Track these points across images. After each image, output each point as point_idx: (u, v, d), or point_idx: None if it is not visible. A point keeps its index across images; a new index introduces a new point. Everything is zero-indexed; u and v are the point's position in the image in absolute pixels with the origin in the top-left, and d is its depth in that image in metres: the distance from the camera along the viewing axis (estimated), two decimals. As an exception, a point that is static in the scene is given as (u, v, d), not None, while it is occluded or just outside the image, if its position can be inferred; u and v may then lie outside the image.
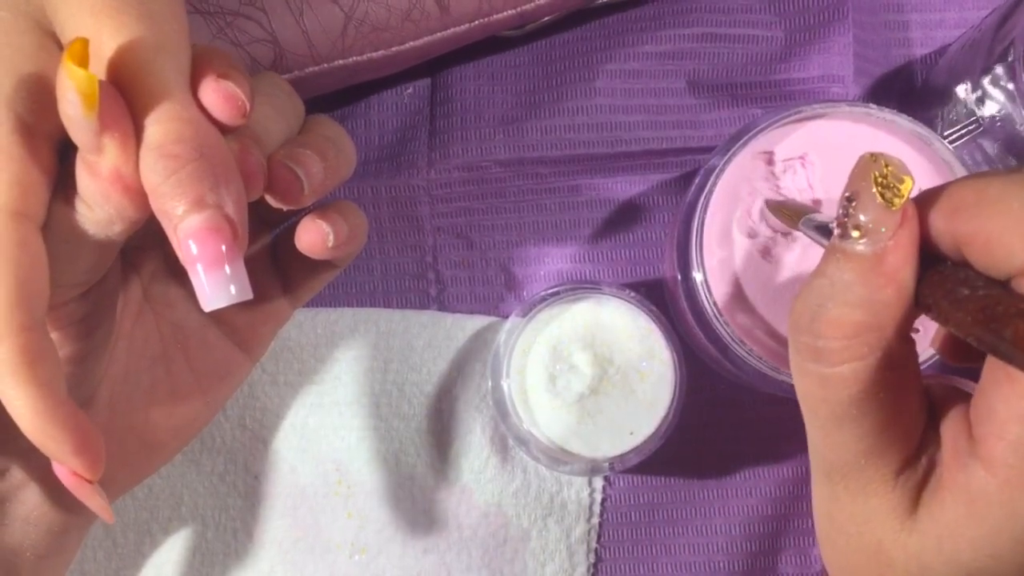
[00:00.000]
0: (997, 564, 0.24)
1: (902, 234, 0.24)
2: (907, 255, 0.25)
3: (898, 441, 0.26)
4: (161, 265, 0.34)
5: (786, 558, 0.49)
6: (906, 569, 0.26)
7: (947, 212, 0.24)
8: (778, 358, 0.41)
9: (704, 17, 0.49)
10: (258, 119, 0.31)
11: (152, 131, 0.26)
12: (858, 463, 0.26)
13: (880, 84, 0.50)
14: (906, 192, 0.24)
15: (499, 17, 0.44)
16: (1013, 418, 0.23)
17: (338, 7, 0.41)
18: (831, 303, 0.25)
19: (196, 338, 0.35)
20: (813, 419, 0.27)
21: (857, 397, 0.25)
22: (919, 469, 0.26)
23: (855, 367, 0.25)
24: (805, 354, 0.26)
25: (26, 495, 0.33)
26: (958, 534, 0.24)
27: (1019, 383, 0.23)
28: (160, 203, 0.27)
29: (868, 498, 0.26)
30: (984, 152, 0.43)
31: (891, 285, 0.24)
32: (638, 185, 0.49)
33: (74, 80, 0.25)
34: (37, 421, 0.27)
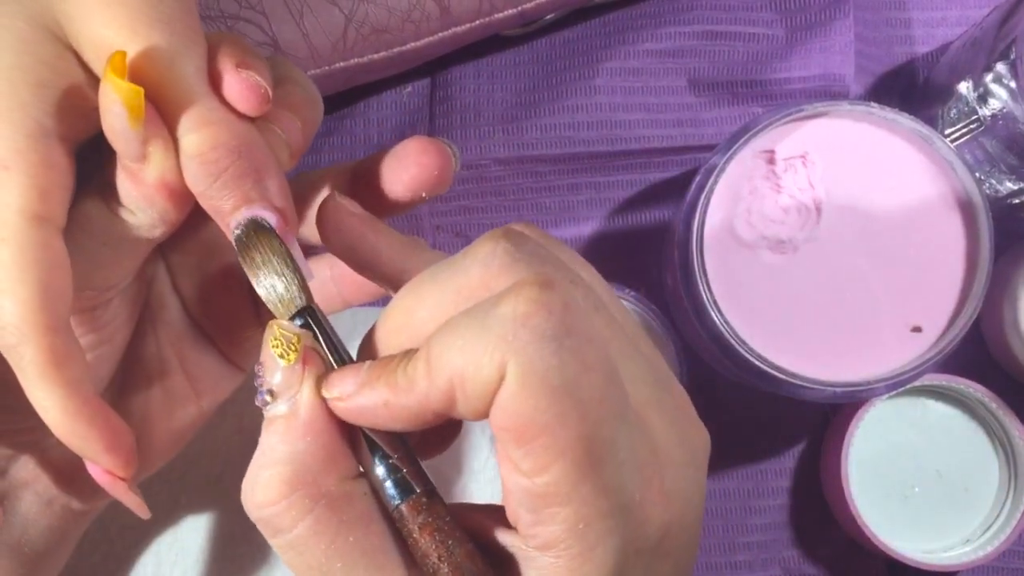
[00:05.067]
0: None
1: (308, 384, 0.25)
2: (319, 403, 0.25)
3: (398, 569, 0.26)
4: (161, 267, 0.34)
5: (786, 556, 0.49)
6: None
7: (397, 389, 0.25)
8: (779, 357, 0.40)
9: (705, 15, 0.49)
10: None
11: (188, 140, 0.27)
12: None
13: (882, 82, 0.50)
14: (299, 346, 0.26)
15: (500, 16, 0.44)
16: (553, 506, 0.23)
17: (338, 9, 0.41)
18: (262, 470, 0.25)
19: (189, 341, 0.35)
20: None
21: (330, 550, 0.25)
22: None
23: (308, 523, 0.25)
24: (266, 531, 0.25)
25: (24, 493, 0.33)
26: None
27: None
28: (209, 204, 0.28)
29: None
30: (985, 150, 0.43)
31: (308, 434, 0.25)
32: (638, 184, 0.49)
33: (120, 93, 0.25)
34: (67, 421, 0.27)
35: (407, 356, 0.25)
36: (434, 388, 0.23)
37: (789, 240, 0.42)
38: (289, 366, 0.25)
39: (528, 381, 0.22)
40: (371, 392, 0.25)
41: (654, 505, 0.24)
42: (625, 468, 0.23)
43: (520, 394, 0.22)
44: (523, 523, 0.24)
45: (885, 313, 0.41)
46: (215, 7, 0.40)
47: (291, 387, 0.25)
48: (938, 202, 0.42)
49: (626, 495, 0.23)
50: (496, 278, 0.24)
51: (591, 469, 0.23)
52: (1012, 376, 0.48)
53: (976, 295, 0.41)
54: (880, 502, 0.47)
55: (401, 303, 0.26)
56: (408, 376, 0.24)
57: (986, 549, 0.45)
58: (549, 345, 0.22)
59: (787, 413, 0.49)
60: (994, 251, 0.41)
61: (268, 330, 0.26)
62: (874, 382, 0.41)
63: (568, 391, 0.22)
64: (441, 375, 0.23)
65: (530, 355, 0.22)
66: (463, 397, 0.23)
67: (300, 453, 0.25)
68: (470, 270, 0.25)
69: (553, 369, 0.22)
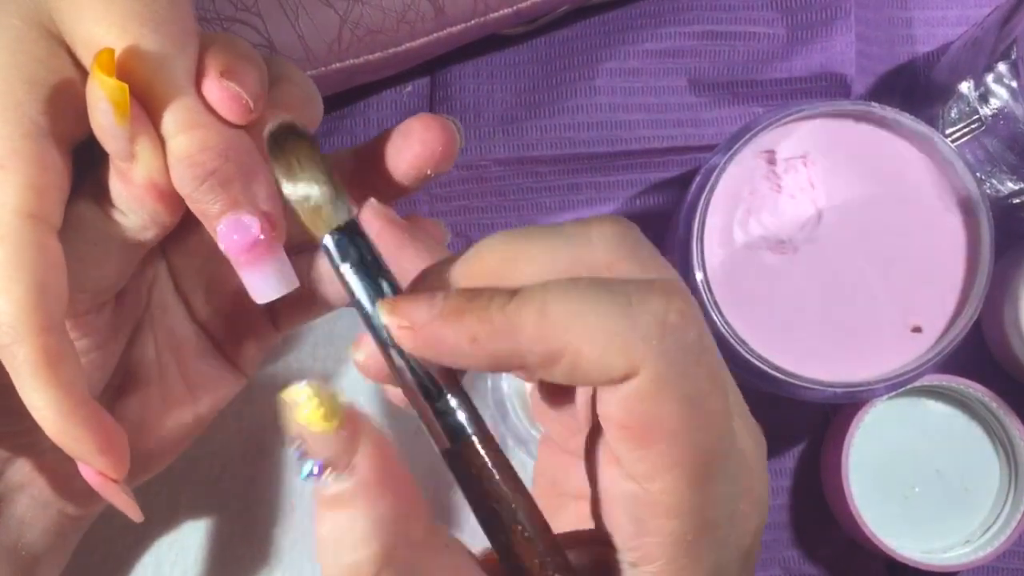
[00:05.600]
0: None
1: (365, 445, 0.23)
2: (381, 458, 0.23)
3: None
4: (164, 271, 0.34)
5: (786, 556, 0.49)
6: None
7: (504, 334, 0.22)
8: (779, 357, 0.40)
9: (705, 15, 0.48)
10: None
11: (176, 142, 0.27)
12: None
13: (883, 81, 0.50)
14: (337, 407, 0.22)
15: (495, 16, 0.44)
16: (662, 517, 0.23)
17: (333, 10, 0.41)
18: (344, 552, 0.22)
19: (189, 346, 0.35)
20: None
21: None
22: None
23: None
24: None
25: (22, 496, 0.33)
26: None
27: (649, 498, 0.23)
28: (197, 207, 0.28)
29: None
30: (986, 150, 0.43)
31: (384, 497, 0.22)
32: (638, 184, 0.49)
33: (105, 90, 0.25)
34: (60, 422, 0.27)
35: (505, 295, 0.23)
36: (540, 342, 0.22)
37: (789, 240, 0.41)
38: (336, 435, 0.22)
39: (664, 387, 0.22)
40: (456, 325, 0.23)
41: (750, 514, 0.24)
42: (734, 481, 0.23)
43: (654, 398, 0.22)
44: (624, 533, 0.24)
45: (885, 313, 0.41)
46: (211, 8, 0.40)
47: (346, 454, 0.22)
48: (939, 202, 0.42)
49: (733, 507, 0.23)
50: (620, 264, 0.24)
51: (706, 481, 0.23)
52: (1012, 376, 0.48)
53: (976, 295, 0.41)
54: (880, 502, 0.47)
55: (500, 248, 0.24)
56: (510, 318, 0.22)
57: (986, 549, 0.45)
58: (689, 357, 0.22)
59: (787, 413, 0.49)
60: (995, 251, 0.41)
61: (296, 394, 0.23)
62: (874, 382, 0.41)
63: (698, 402, 0.22)
64: (556, 335, 0.22)
65: (672, 363, 0.22)
66: (570, 367, 0.22)
67: (381, 521, 0.22)
68: (595, 244, 0.24)
69: (689, 380, 0.22)
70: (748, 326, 0.41)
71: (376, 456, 0.23)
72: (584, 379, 0.22)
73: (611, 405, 0.22)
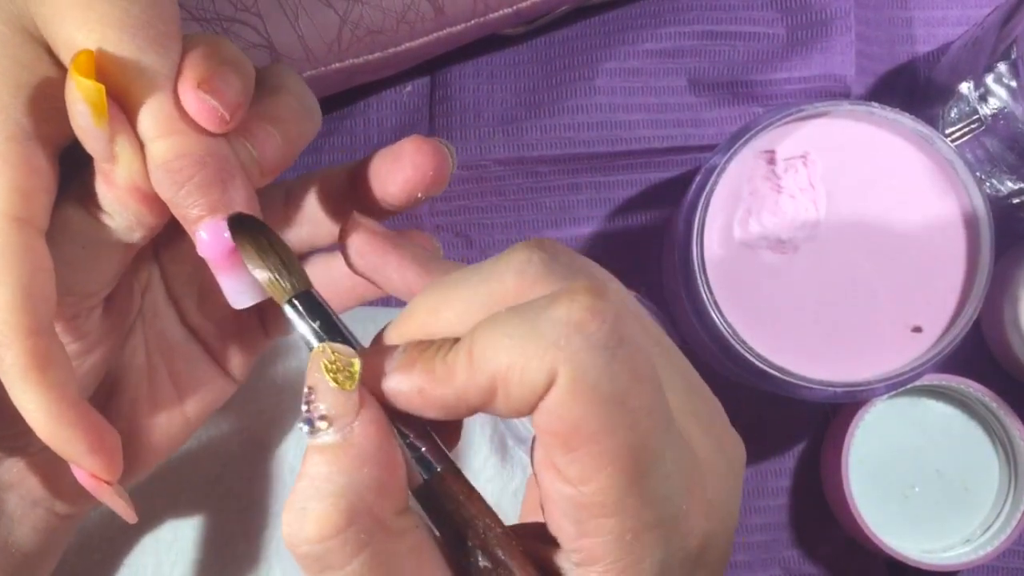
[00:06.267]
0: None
1: (366, 412, 0.24)
2: (377, 430, 0.24)
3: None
4: (157, 276, 0.34)
5: (786, 556, 0.49)
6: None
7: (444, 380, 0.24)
8: (779, 357, 0.40)
9: (704, 15, 0.48)
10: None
11: (154, 148, 0.27)
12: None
13: (882, 82, 0.50)
14: (357, 372, 0.24)
15: (495, 16, 0.44)
16: (599, 517, 0.23)
17: (333, 11, 0.41)
18: (312, 502, 0.23)
19: (180, 350, 0.35)
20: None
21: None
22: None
23: (363, 559, 0.23)
24: (312, 568, 0.24)
25: (11, 495, 0.33)
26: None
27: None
28: (177, 211, 0.28)
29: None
30: (986, 150, 0.43)
31: (367, 465, 0.24)
32: (638, 184, 0.49)
33: (82, 91, 0.25)
34: (51, 424, 0.27)
35: (446, 344, 0.24)
36: (474, 382, 0.23)
37: (789, 240, 0.41)
38: (347, 393, 0.24)
39: (580, 388, 0.22)
40: (406, 378, 0.24)
41: (697, 516, 0.24)
42: (672, 479, 0.23)
43: (571, 401, 0.22)
44: (566, 536, 0.24)
45: (885, 313, 0.41)
46: (211, 9, 0.40)
47: (348, 414, 0.24)
48: (939, 202, 0.42)
49: (673, 506, 0.23)
50: (531, 287, 0.24)
51: (639, 479, 0.22)
52: (1012, 376, 0.48)
53: (976, 295, 0.41)
54: (880, 502, 0.47)
55: (424, 303, 0.25)
56: (448, 366, 0.23)
57: (986, 549, 0.45)
58: (602, 354, 0.22)
59: (787, 413, 0.49)
60: (994, 251, 0.41)
61: (320, 353, 0.24)
62: (874, 382, 0.41)
63: (619, 401, 0.22)
64: (484, 370, 0.23)
65: (583, 363, 0.22)
66: (505, 396, 0.23)
67: (357, 484, 0.23)
68: (504, 276, 0.24)
69: (605, 378, 0.22)
70: (748, 326, 0.41)
71: (373, 429, 0.24)
72: (521, 403, 0.23)
73: (539, 415, 0.23)
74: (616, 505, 0.22)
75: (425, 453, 0.25)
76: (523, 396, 0.22)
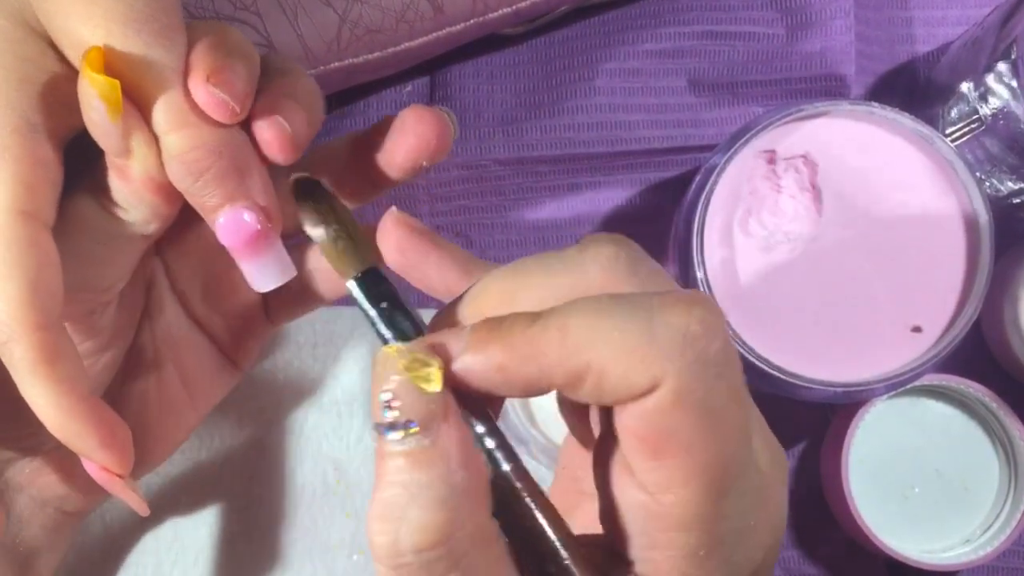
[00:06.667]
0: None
1: (454, 414, 0.23)
2: (464, 432, 0.23)
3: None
4: (160, 269, 0.34)
5: (786, 556, 0.49)
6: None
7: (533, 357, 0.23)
8: (779, 357, 0.40)
9: (704, 15, 0.48)
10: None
11: (169, 140, 0.27)
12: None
13: (882, 81, 0.50)
14: (439, 371, 0.23)
15: (494, 16, 0.44)
16: (673, 530, 0.23)
17: (332, 10, 0.41)
18: (414, 510, 0.22)
19: (186, 343, 0.35)
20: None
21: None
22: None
23: (463, 568, 0.22)
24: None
25: (21, 495, 0.33)
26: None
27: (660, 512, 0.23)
28: (194, 201, 0.28)
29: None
30: (986, 150, 0.43)
31: (461, 468, 0.23)
32: (638, 184, 0.49)
33: (96, 87, 0.26)
34: (60, 418, 0.27)
35: (522, 319, 0.23)
36: (564, 363, 0.22)
37: (789, 240, 0.41)
38: (434, 394, 0.23)
39: (685, 401, 0.22)
40: (482, 354, 0.23)
41: (763, 530, 0.24)
42: (747, 497, 0.23)
43: (672, 410, 0.22)
44: (634, 545, 0.23)
45: (885, 313, 0.41)
46: (210, 8, 0.40)
47: (438, 416, 0.23)
48: (938, 202, 0.42)
49: (745, 521, 0.23)
50: (617, 285, 0.24)
51: (720, 495, 0.22)
52: (1012, 376, 0.48)
53: (976, 295, 0.41)
54: (880, 502, 0.47)
55: (499, 284, 0.24)
56: (532, 342, 0.22)
57: (986, 549, 0.45)
58: (712, 371, 0.22)
59: (787, 413, 0.49)
60: (994, 251, 0.41)
61: (396, 354, 0.23)
62: (874, 382, 0.41)
63: (718, 417, 0.22)
64: (578, 354, 0.22)
65: (693, 376, 0.22)
66: (596, 386, 0.22)
67: (456, 490, 0.22)
68: (589, 269, 0.24)
69: (711, 394, 0.22)
70: (748, 326, 0.41)
71: (460, 434, 0.23)
72: (611, 397, 0.22)
73: (629, 416, 0.22)
74: (693, 519, 0.22)
75: (494, 450, 0.24)
76: (617, 391, 0.22)
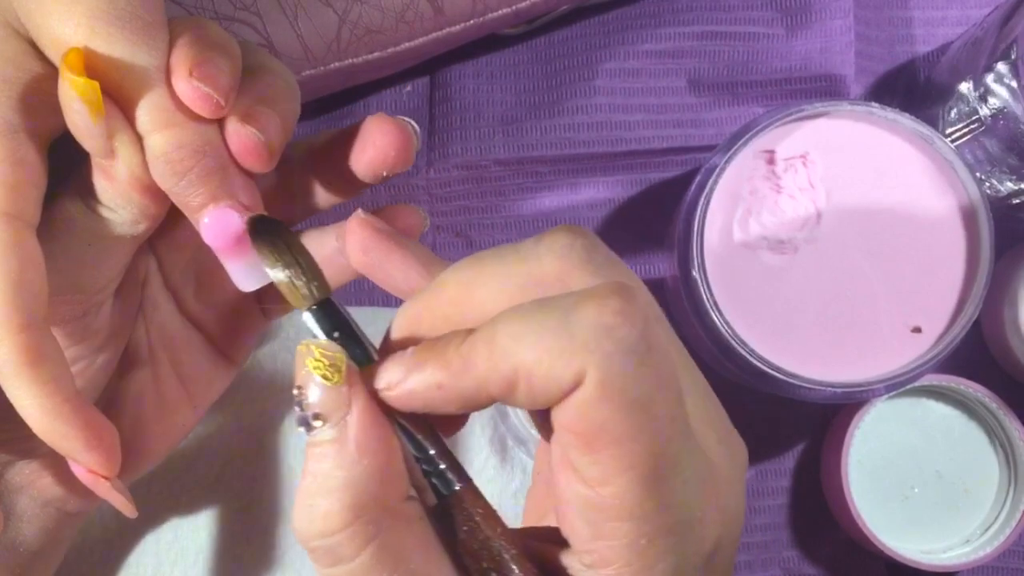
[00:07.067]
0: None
1: (357, 404, 0.24)
2: (371, 421, 0.24)
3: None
4: (154, 267, 0.34)
5: (786, 556, 0.49)
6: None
7: (457, 370, 0.24)
8: (779, 357, 0.40)
9: (704, 15, 0.48)
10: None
11: (152, 140, 0.27)
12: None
13: (882, 82, 0.50)
14: (343, 366, 0.24)
15: (494, 16, 0.44)
16: (615, 520, 0.23)
17: (332, 10, 0.41)
18: (318, 499, 0.24)
19: (181, 340, 0.35)
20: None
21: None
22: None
23: (371, 551, 0.24)
24: (324, 561, 0.24)
25: (19, 497, 0.33)
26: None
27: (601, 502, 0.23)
28: (178, 200, 0.28)
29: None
30: (986, 150, 0.43)
31: (365, 456, 0.24)
32: (638, 184, 0.49)
33: (77, 89, 0.25)
34: (46, 420, 0.27)
35: (460, 336, 0.24)
36: (495, 373, 0.23)
37: (789, 240, 0.41)
38: (335, 387, 0.24)
39: (608, 391, 0.22)
40: (421, 374, 0.24)
41: (712, 522, 0.24)
42: (689, 485, 0.23)
43: (598, 403, 0.22)
44: (580, 537, 0.24)
45: (885, 313, 0.41)
46: (210, 8, 0.40)
47: (339, 409, 0.24)
48: (938, 202, 0.42)
49: (688, 511, 0.23)
50: (571, 273, 0.24)
51: (657, 485, 0.22)
52: (1012, 376, 0.48)
53: (976, 295, 0.41)
54: (880, 502, 0.47)
55: (457, 276, 0.25)
56: (463, 357, 0.23)
57: (986, 549, 0.45)
58: (632, 359, 0.22)
59: (787, 413, 0.49)
60: (994, 251, 0.41)
61: (304, 351, 0.25)
62: (874, 382, 0.41)
63: (644, 406, 0.22)
64: (506, 362, 0.23)
65: (613, 366, 0.22)
66: (527, 389, 0.23)
67: (358, 477, 0.24)
68: (543, 259, 0.24)
69: (633, 383, 0.22)
70: (748, 326, 0.41)
71: (366, 420, 0.24)
72: (544, 398, 0.23)
73: (562, 414, 0.23)
74: (633, 509, 0.23)
75: (445, 471, 0.25)
76: (547, 392, 0.22)
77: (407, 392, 0.24)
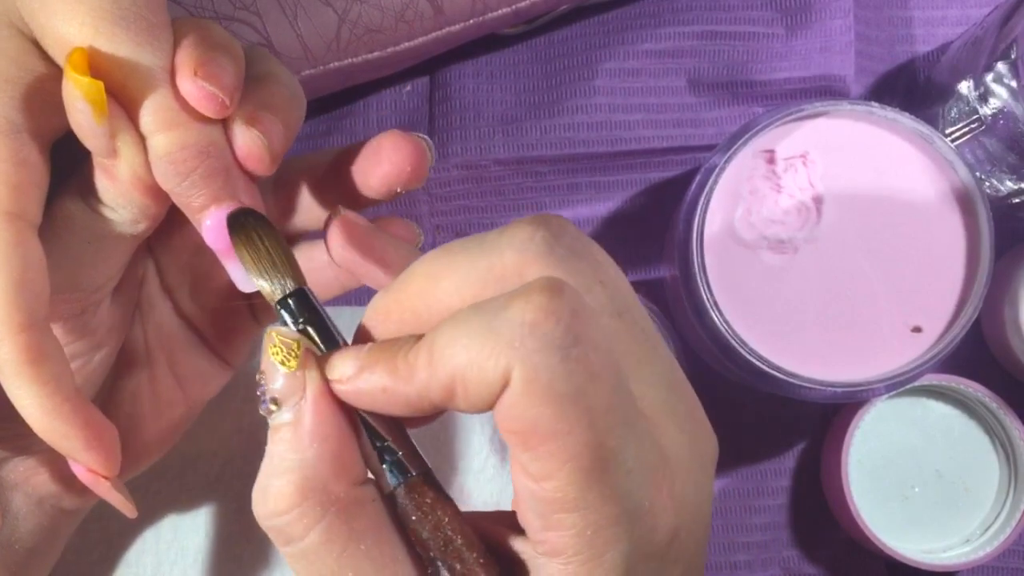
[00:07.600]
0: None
1: (312, 390, 0.25)
2: (325, 407, 0.25)
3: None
4: (151, 267, 0.34)
5: (786, 556, 0.49)
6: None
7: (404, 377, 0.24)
8: (779, 357, 0.40)
9: (704, 15, 0.48)
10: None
11: (156, 141, 0.27)
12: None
13: (882, 81, 0.50)
14: (298, 351, 0.25)
15: (494, 16, 0.44)
16: (560, 512, 0.23)
17: (331, 9, 0.41)
18: (271, 479, 0.25)
19: (177, 341, 0.35)
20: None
21: (341, 559, 0.25)
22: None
23: (319, 531, 0.25)
24: (279, 540, 0.25)
25: (15, 494, 0.33)
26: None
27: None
28: (180, 201, 0.28)
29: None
30: (986, 150, 0.43)
31: (315, 441, 0.25)
32: (638, 184, 0.49)
33: (81, 89, 0.25)
34: (46, 419, 0.27)
35: (409, 342, 0.24)
36: (434, 380, 0.23)
37: (789, 240, 0.41)
38: (291, 373, 0.25)
39: (533, 388, 0.22)
40: (370, 376, 0.25)
41: (664, 511, 0.24)
42: (634, 475, 0.23)
43: (525, 400, 0.22)
44: (532, 528, 0.24)
45: (885, 313, 0.41)
46: (209, 8, 0.40)
47: (294, 394, 0.25)
48: (938, 202, 0.42)
49: (634, 501, 0.23)
50: (529, 265, 0.24)
51: (599, 476, 0.23)
52: (1012, 376, 0.48)
53: (976, 295, 0.41)
54: (880, 502, 0.47)
55: (424, 268, 0.25)
56: (409, 364, 0.24)
57: (986, 549, 0.45)
58: (556, 354, 0.22)
59: (787, 413, 0.49)
60: (994, 251, 0.41)
61: (267, 337, 0.25)
62: (874, 382, 0.41)
63: (574, 399, 0.22)
64: (443, 369, 0.23)
65: (536, 363, 0.22)
66: (463, 394, 0.23)
67: (309, 460, 0.25)
68: (504, 252, 0.24)
69: (559, 377, 0.22)
70: (748, 326, 0.41)
71: (320, 407, 0.25)
72: (481, 401, 0.23)
73: (499, 415, 0.23)
74: (576, 501, 0.23)
75: (401, 458, 0.26)
76: (481, 395, 0.23)
77: (355, 390, 0.25)
